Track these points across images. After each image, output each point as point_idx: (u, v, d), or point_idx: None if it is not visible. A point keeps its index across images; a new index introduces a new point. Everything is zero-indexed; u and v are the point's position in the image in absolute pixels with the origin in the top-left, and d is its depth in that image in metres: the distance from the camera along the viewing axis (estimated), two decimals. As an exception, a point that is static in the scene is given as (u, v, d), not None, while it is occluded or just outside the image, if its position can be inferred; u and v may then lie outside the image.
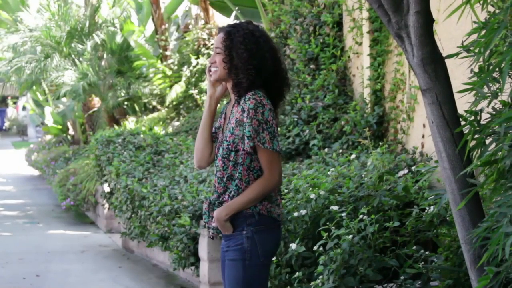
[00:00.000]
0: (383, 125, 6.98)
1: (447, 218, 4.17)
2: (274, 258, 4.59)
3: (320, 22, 8.18)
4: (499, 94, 2.59)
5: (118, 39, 14.55)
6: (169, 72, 14.02)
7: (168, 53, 14.70)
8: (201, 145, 3.37)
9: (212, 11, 13.95)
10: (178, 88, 13.28)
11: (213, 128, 3.39)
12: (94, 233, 11.03)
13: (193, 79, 13.17)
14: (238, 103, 3.21)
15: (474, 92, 2.66)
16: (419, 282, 4.01)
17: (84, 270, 8.05)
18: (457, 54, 2.79)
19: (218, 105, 3.45)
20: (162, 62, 14.70)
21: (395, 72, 6.68)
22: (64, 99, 17.22)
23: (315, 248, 4.35)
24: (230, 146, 3.19)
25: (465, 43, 2.78)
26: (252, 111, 3.09)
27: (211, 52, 13.03)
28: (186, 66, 13.43)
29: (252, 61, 3.17)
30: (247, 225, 3.15)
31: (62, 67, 14.00)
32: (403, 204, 4.71)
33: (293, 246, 4.51)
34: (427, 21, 2.82)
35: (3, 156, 26.56)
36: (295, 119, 7.54)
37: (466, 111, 2.68)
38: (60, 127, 18.54)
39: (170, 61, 14.23)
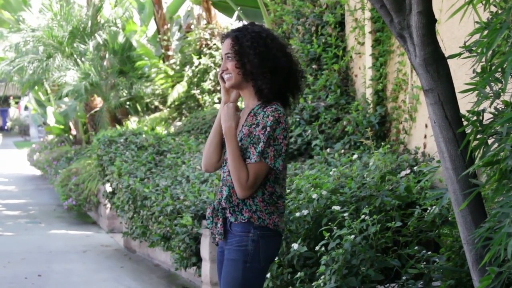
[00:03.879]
0: (385, 125, 6.98)
1: (449, 218, 4.17)
2: (276, 258, 4.60)
3: (322, 22, 8.18)
4: (502, 94, 2.58)
5: (120, 39, 14.57)
6: (171, 72, 14.03)
7: (170, 53, 14.72)
8: (210, 150, 3.35)
9: (214, 11, 13.96)
10: (180, 88, 13.30)
11: None
12: (96, 233, 11.04)
13: (195, 79, 13.18)
14: (256, 110, 3.19)
15: (476, 92, 2.66)
16: (421, 282, 4.01)
17: (86, 270, 8.06)
18: (459, 54, 2.79)
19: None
20: (164, 62, 14.71)
21: (397, 72, 6.68)
22: (66, 99, 17.26)
23: (317, 248, 4.35)
24: None
25: (467, 43, 2.78)
26: (268, 128, 3.08)
27: (213, 52, 13.22)
28: (188, 66, 13.44)
29: (266, 63, 3.15)
30: (254, 228, 3.13)
31: (64, 67, 14.02)
32: (405, 204, 4.70)
33: (295, 246, 4.50)
34: (429, 21, 2.82)
35: (5, 156, 26.61)
36: (297, 119, 7.54)
37: (468, 111, 2.67)
38: (62, 127, 18.57)
39: (172, 61, 14.24)
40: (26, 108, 36.42)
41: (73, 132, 18.71)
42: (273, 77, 3.15)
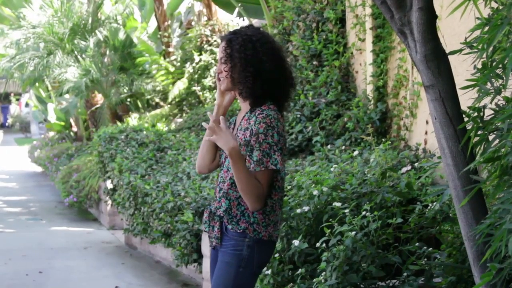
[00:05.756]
0: (386, 121, 6.97)
1: (450, 214, 4.17)
2: (276, 255, 4.61)
3: (323, 19, 8.17)
4: (502, 90, 2.58)
5: (121, 35, 14.56)
6: (172, 69, 14.03)
7: (171, 49, 14.72)
8: (203, 151, 3.35)
9: (215, 7, 13.95)
10: (181, 85, 13.30)
11: None
12: (97, 229, 11.05)
13: (196, 76, 13.18)
14: (249, 114, 3.17)
15: (477, 88, 2.65)
16: (422, 279, 4.01)
17: (87, 266, 8.07)
18: (460, 51, 2.78)
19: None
20: (165, 58, 14.71)
21: (398, 69, 6.68)
22: (67, 96, 17.25)
23: (318, 244, 4.35)
24: None
25: (468, 39, 2.78)
26: (262, 135, 3.03)
27: (214, 49, 13.21)
28: (189, 63, 13.44)
29: (249, 68, 3.13)
30: (250, 235, 3.14)
31: (65, 63, 14.02)
32: (406, 201, 4.70)
33: (296, 242, 4.50)
34: (430, 17, 2.81)
35: (6, 152, 26.62)
36: (298, 116, 7.54)
37: (469, 107, 2.67)
38: (63, 123, 18.57)
39: (173, 57, 14.24)
40: (27, 105, 36.43)
41: (74, 128, 18.72)
42: (255, 81, 3.13)
